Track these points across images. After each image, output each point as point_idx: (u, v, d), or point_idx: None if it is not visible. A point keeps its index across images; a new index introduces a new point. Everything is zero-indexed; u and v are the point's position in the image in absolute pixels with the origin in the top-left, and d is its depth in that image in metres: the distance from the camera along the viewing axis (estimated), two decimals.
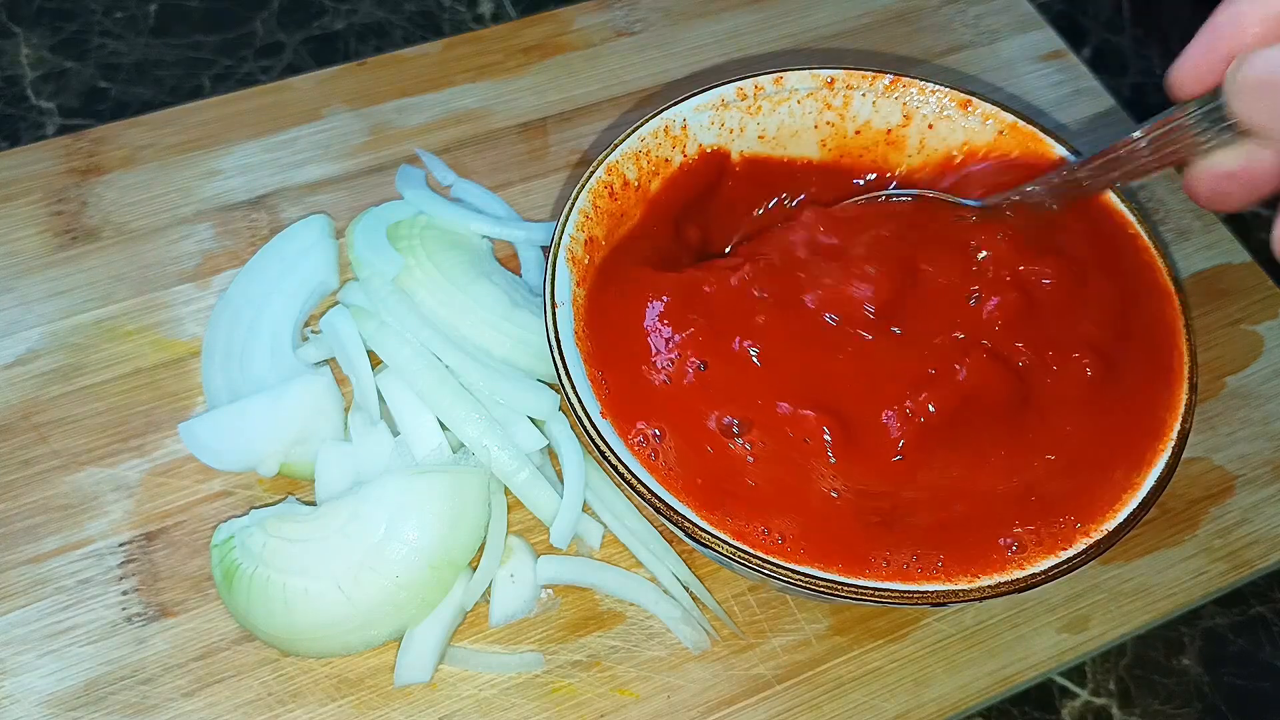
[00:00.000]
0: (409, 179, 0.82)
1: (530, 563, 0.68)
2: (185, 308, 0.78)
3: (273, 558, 0.63)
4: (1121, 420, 0.62)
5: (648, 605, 0.67)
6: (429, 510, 0.64)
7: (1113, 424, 0.62)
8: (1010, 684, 0.67)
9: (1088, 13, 1.05)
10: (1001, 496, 0.60)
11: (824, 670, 0.67)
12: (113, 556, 0.68)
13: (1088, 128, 0.90)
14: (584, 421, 0.60)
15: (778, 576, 0.57)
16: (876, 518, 0.59)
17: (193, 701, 0.64)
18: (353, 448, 0.69)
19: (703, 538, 0.57)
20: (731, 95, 0.73)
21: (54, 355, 0.75)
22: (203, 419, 0.71)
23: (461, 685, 0.65)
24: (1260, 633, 0.73)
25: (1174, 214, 0.86)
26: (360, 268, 0.75)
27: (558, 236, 0.67)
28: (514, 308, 0.74)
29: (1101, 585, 0.70)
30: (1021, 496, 0.60)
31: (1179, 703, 0.70)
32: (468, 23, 1.00)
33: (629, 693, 0.65)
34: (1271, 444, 0.76)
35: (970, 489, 0.61)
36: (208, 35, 0.98)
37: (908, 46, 0.95)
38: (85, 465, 0.71)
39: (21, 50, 0.96)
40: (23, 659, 0.65)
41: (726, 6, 0.96)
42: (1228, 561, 0.72)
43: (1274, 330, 0.81)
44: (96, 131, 0.86)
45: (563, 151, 0.87)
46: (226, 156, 0.85)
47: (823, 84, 0.74)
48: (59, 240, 0.80)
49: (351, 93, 0.89)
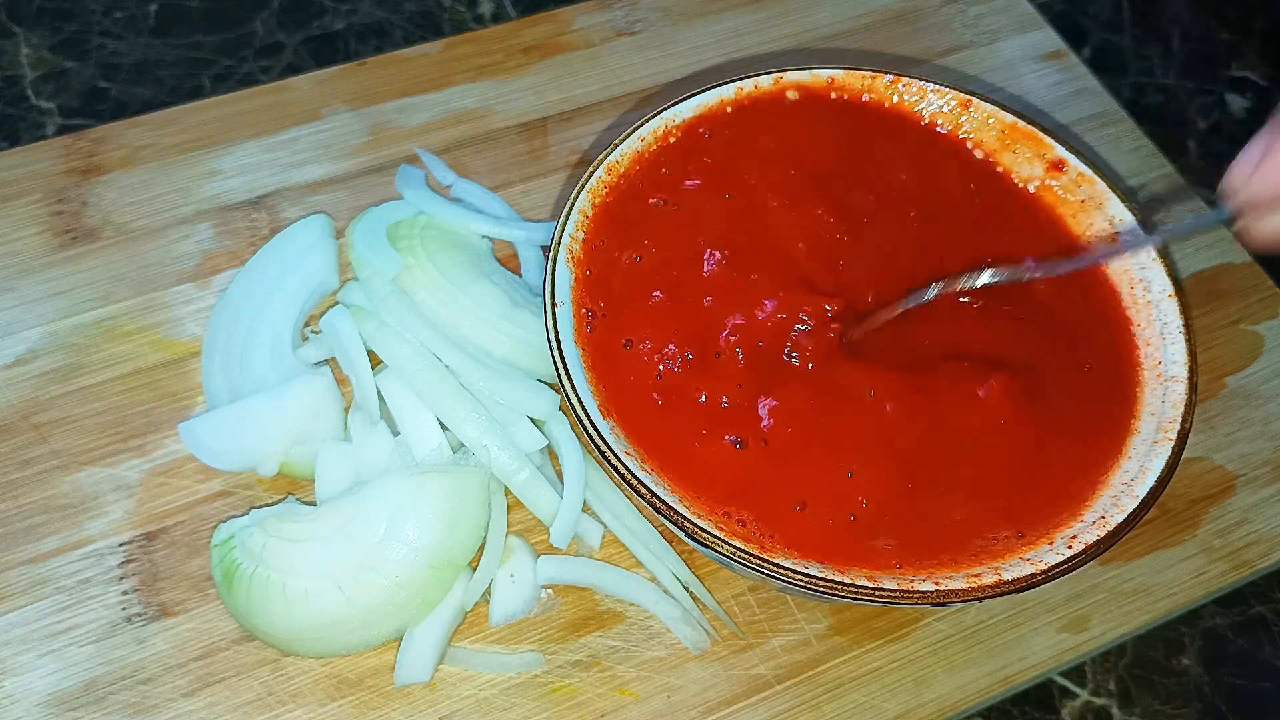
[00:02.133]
0: (409, 179, 0.82)
1: (530, 563, 0.68)
2: (185, 308, 0.78)
3: (273, 558, 0.63)
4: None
5: (648, 605, 0.67)
6: (429, 510, 0.64)
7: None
8: (1010, 684, 0.67)
9: (1088, 13, 1.05)
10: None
11: (824, 670, 0.67)
12: (113, 556, 0.68)
13: (1088, 127, 0.90)
14: (584, 421, 0.60)
15: (778, 576, 0.57)
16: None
17: (193, 701, 0.64)
18: (353, 448, 0.69)
19: (703, 537, 0.57)
20: (731, 95, 0.74)
21: (54, 355, 0.75)
22: (203, 419, 0.71)
23: (461, 685, 0.65)
24: (1260, 633, 0.73)
25: (1174, 214, 0.86)
26: (360, 268, 0.75)
27: (558, 236, 0.67)
28: (514, 308, 0.74)
29: (1101, 585, 0.70)
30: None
31: (1179, 703, 0.70)
32: (468, 23, 1.00)
33: (629, 693, 0.65)
34: (1271, 444, 0.76)
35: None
36: (208, 35, 0.98)
37: (908, 46, 0.95)
38: (85, 465, 0.71)
39: (21, 50, 0.96)
40: (23, 659, 0.65)
41: (726, 6, 0.96)
42: (1228, 561, 0.72)
43: (1274, 330, 0.81)
44: (96, 131, 0.86)
45: (563, 151, 0.87)
46: (226, 156, 0.85)
47: (823, 84, 0.75)
48: (59, 240, 0.80)
49: (351, 93, 0.89)
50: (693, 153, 0.72)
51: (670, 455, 0.62)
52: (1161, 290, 0.68)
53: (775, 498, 0.61)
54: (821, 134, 0.74)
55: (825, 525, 0.60)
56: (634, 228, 0.70)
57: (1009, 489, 0.63)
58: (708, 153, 0.72)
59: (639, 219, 0.70)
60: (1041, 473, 0.63)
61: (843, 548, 0.60)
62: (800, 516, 0.60)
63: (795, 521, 0.60)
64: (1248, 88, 1.00)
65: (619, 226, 0.70)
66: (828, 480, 0.61)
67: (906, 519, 0.61)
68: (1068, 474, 0.63)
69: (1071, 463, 0.64)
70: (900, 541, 0.60)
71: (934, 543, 0.61)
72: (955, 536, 0.61)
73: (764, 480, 0.61)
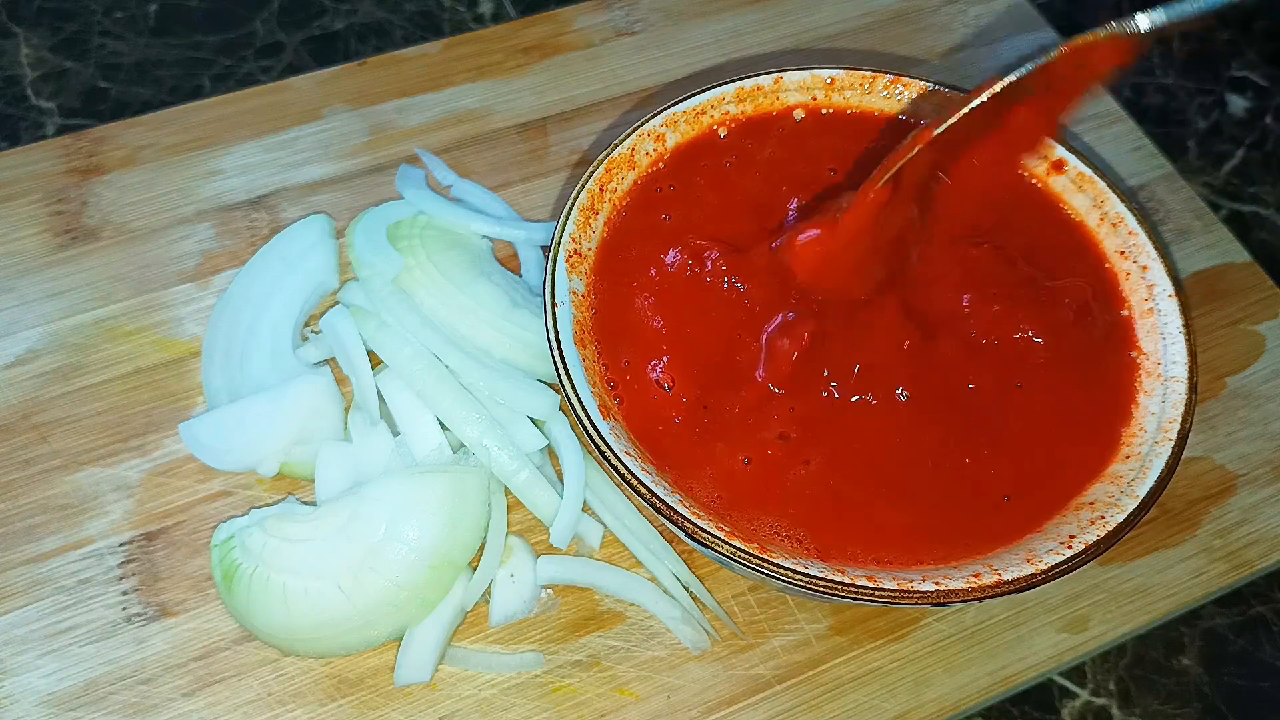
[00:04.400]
0: (409, 179, 0.82)
1: (530, 563, 0.68)
2: (185, 308, 0.78)
3: (273, 558, 0.63)
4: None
5: (648, 605, 0.67)
6: (429, 510, 0.64)
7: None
8: (1010, 684, 0.67)
9: (1088, 13, 1.05)
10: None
11: (824, 670, 0.67)
12: (113, 556, 0.68)
13: (1088, 127, 0.90)
14: (584, 421, 0.60)
15: (778, 576, 0.57)
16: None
17: (193, 701, 0.64)
18: (353, 448, 0.69)
19: (703, 537, 0.57)
20: (731, 95, 0.74)
21: (54, 355, 0.75)
22: (203, 419, 0.71)
23: (461, 685, 0.65)
24: (1260, 633, 0.73)
25: (1174, 214, 0.86)
26: (360, 268, 0.75)
27: (558, 236, 0.67)
28: (514, 308, 0.74)
29: (1101, 585, 0.70)
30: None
31: (1179, 703, 0.70)
32: (468, 23, 1.00)
33: (629, 693, 0.65)
34: (1271, 444, 0.76)
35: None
36: (208, 35, 0.98)
37: (908, 46, 0.95)
38: (85, 465, 0.71)
39: (21, 50, 0.96)
40: (23, 659, 0.65)
41: (726, 6, 0.96)
42: (1228, 561, 0.72)
43: (1274, 330, 0.81)
44: (96, 131, 0.86)
45: (563, 151, 0.87)
46: (226, 156, 0.85)
47: (823, 84, 0.75)
48: (59, 240, 0.80)
49: (351, 93, 0.89)
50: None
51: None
52: (1162, 290, 0.68)
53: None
54: (825, 142, 0.74)
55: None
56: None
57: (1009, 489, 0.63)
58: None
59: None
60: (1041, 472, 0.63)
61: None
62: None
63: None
64: (1248, 88, 1.00)
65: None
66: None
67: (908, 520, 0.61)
68: (1068, 474, 0.63)
69: (1071, 463, 0.64)
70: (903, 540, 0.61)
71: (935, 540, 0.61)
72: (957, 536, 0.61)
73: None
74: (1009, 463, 0.63)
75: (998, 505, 0.62)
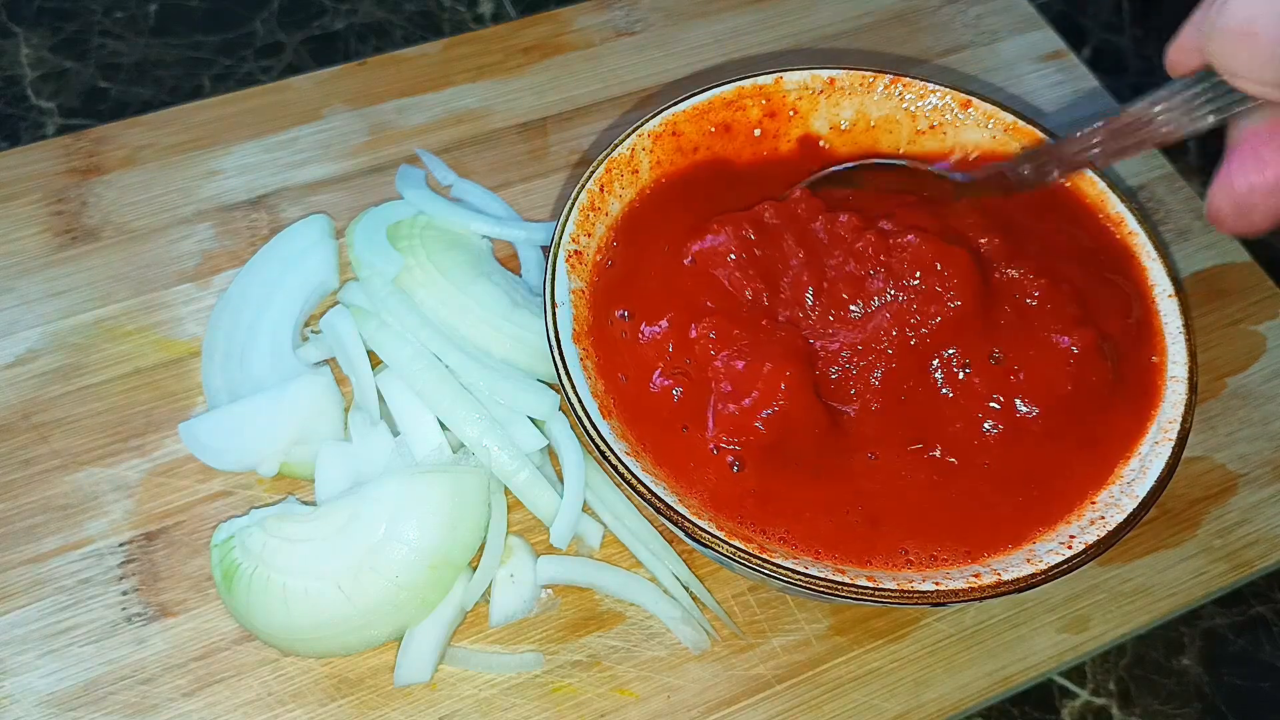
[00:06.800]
0: (409, 179, 0.82)
1: (530, 563, 0.68)
2: (185, 308, 0.78)
3: (273, 558, 0.63)
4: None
5: (648, 605, 0.67)
6: (429, 510, 0.64)
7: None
8: (1010, 684, 0.67)
9: (1088, 13, 1.05)
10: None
11: (824, 670, 0.67)
12: (113, 556, 0.68)
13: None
14: (584, 421, 0.60)
15: (778, 576, 0.57)
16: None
17: (193, 701, 0.64)
18: (353, 448, 0.69)
19: (703, 538, 0.57)
20: (731, 95, 0.73)
21: (54, 355, 0.75)
22: (203, 419, 0.71)
23: (461, 685, 0.65)
24: (1260, 633, 0.73)
25: (1174, 214, 0.86)
26: (360, 268, 0.75)
27: (558, 236, 0.67)
28: (514, 308, 0.74)
29: (1101, 585, 0.70)
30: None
31: (1179, 703, 0.70)
32: (468, 23, 1.00)
33: (629, 693, 0.65)
34: (1271, 444, 0.76)
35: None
36: (208, 35, 0.98)
37: (908, 46, 0.95)
38: (85, 465, 0.71)
39: (21, 50, 0.96)
40: (23, 659, 0.65)
41: (726, 6, 0.96)
42: (1228, 561, 0.72)
43: (1274, 330, 0.81)
44: (96, 131, 0.86)
45: (563, 151, 0.87)
46: (226, 156, 0.85)
47: (823, 84, 0.75)
48: (59, 240, 0.80)
49: (351, 93, 0.89)
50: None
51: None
52: (1162, 290, 0.68)
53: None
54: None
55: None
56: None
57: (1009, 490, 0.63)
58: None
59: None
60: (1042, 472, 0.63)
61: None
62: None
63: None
64: None
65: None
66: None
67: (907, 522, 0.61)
68: (1068, 473, 0.63)
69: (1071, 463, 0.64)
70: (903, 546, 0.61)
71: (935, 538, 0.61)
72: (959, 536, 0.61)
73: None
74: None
75: (998, 506, 0.62)
